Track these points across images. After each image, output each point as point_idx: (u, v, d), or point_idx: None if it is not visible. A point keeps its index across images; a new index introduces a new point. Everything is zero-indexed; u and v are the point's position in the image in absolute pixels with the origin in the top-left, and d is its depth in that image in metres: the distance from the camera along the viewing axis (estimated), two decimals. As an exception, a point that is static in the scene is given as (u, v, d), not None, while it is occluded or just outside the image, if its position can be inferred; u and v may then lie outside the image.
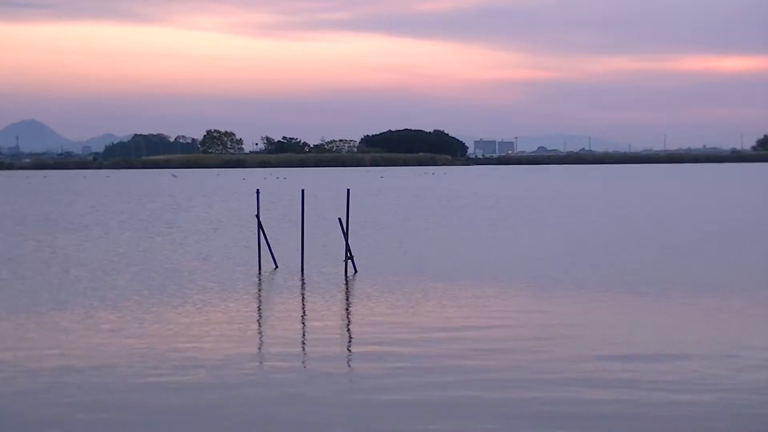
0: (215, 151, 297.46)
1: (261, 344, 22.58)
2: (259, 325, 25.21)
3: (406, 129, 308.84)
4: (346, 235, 34.70)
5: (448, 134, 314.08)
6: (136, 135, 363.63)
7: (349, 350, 21.81)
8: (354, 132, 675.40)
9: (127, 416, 16.14)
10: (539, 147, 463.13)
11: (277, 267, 36.22)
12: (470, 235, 50.32)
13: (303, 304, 28.27)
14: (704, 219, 60.49)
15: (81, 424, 15.79)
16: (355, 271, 34.37)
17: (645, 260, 37.51)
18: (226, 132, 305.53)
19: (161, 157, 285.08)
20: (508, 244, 45.81)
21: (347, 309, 27.43)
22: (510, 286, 31.03)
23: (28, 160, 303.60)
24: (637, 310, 26.07)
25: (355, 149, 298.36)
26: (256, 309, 27.65)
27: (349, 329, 24.45)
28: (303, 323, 25.40)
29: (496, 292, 29.75)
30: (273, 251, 36.86)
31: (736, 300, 27.54)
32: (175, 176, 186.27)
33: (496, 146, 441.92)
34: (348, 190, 36.21)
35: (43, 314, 26.23)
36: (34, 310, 26.99)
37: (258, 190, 38.36)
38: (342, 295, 29.97)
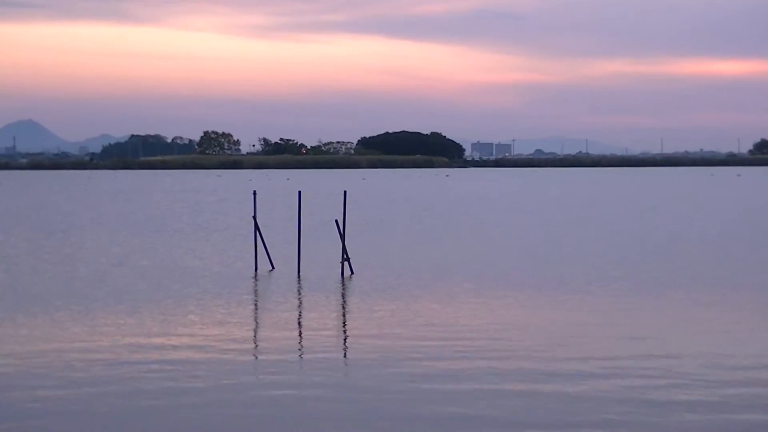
0: (212, 152, 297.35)
1: (256, 346, 22.58)
2: (256, 327, 25.20)
3: (403, 131, 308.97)
4: (342, 236, 34.67)
5: (445, 136, 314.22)
6: (133, 136, 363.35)
7: (346, 352, 21.80)
8: (351, 134, 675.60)
9: (121, 415, 16.15)
10: (536, 150, 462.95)
11: (273, 268, 36.20)
12: (468, 236, 50.30)
13: (300, 306, 28.25)
14: (686, 222, 60.56)
15: (77, 422, 15.83)
16: (352, 273, 34.35)
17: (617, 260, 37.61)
18: (224, 133, 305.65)
19: (158, 158, 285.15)
20: (506, 244, 45.78)
21: (344, 310, 27.42)
22: (512, 287, 31.01)
23: (24, 161, 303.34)
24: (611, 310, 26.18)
25: (352, 151, 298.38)
26: (253, 310, 27.63)
27: (345, 331, 24.45)
28: (299, 325, 25.37)
29: (496, 292, 29.73)
30: (270, 252, 36.82)
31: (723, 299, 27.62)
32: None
33: (494, 149, 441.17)
34: (345, 192, 36.14)
35: (39, 313, 26.20)
36: (27, 308, 26.97)
37: (255, 191, 38.30)
38: (339, 297, 29.96)
